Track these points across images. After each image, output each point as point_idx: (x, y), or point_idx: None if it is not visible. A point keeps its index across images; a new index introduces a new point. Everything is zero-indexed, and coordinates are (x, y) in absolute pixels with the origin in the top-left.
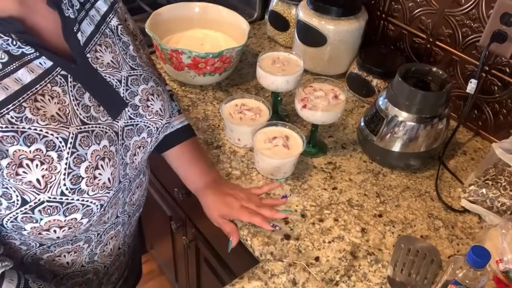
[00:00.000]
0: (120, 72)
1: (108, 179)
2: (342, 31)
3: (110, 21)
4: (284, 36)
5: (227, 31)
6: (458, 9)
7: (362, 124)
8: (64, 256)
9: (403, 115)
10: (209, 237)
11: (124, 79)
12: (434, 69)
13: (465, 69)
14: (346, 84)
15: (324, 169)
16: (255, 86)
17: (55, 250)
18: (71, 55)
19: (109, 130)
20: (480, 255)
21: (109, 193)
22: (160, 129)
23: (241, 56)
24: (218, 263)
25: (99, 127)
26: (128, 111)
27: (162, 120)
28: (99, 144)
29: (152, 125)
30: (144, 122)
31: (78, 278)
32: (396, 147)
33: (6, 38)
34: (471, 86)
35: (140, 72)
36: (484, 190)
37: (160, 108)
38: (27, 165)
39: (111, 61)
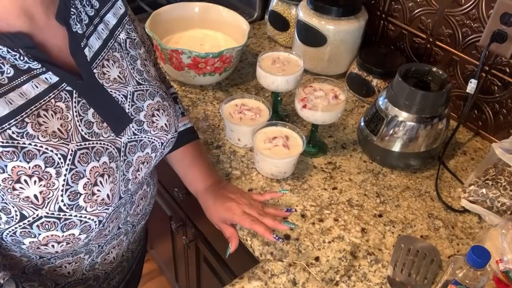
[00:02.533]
0: (127, 88)
1: (107, 195)
2: (342, 31)
3: (118, 35)
4: (284, 36)
5: (227, 31)
6: (458, 9)
7: (362, 124)
8: (65, 266)
9: (403, 115)
10: (209, 237)
11: (130, 95)
12: (434, 69)
13: (465, 69)
14: (346, 84)
15: (324, 169)
16: (255, 86)
17: (55, 262)
18: (78, 70)
19: (110, 146)
20: (480, 255)
21: (108, 209)
22: (165, 144)
23: (241, 56)
24: (218, 263)
25: (100, 143)
26: (133, 127)
27: (167, 135)
28: (98, 160)
29: (156, 141)
30: (148, 137)
31: (79, 286)
32: (396, 147)
33: (14, 53)
34: (471, 86)
35: (146, 87)
36: (484, 190)
37: (165, 124)
38: (25, 181)
39: (118, 76)
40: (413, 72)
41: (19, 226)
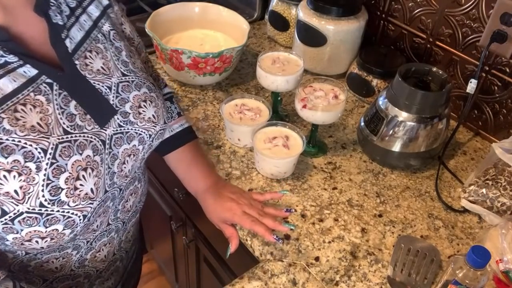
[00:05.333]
0: (111, 79)
1: (91, 189)
2: (342, 31)
3: (102, 26)
4: (284, 36)
5: (227, 31)
6: (458, 9)
7: (362, 124)
8: (52, 262)
9: (403, 115)
10: (209, 237)
11: (114, 86)
12: (434, 69)
13: (465, 69)
14: (346, 84)
15: (324, 169)
16: (255, 86)
17: (42, 257)
18: (59, 62)
19: (95, 139)
20: (480, 255)
21: (92, 203)
22: (153, 136)
23: (241, 56)
24: (218, 263)
25: (84, 136)
26: (118, 118)
27: (155, 127)
28: (81, 154)
29: (144, 133)
30: (135, 129)
31: (68, 281)
32: (396, 147)
33: None
34: (471, 86)
35: (132, 78)
36: (484, 190)
37: (153, 115)
38: (4, 176)
39: (102, 67)
40: (413, 72)
41: (1, 222)
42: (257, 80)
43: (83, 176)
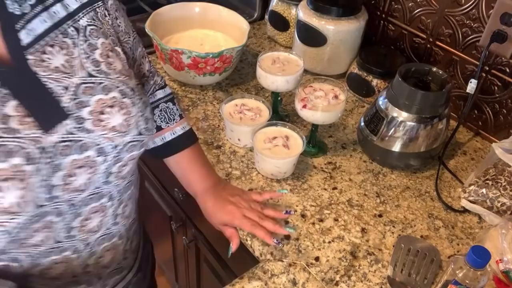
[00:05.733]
0: (70, 78)
1: (17, 203)
2: (342, 31)
3: (79, 20)
4: (284, 36)
5: (227, 31)
6: (458, 9)
7: (362, 124)
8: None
9: (403, 115)
10: (209, 237)
11: (73, 87)
12: (434, 69)
13: (465, 69)
14: (346, 84)
15: (324, 169)
16: (255, 86)
17: None
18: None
19: (30, 145)
20: (480, 255)
21: (16, 218)
22: (121, 147)
23: (241, 56)
24: (218, 263)
25: (16, 141)
26: (68, 124)
27: (123, 137)
28: (6, 162)
29: (105, 143)
30: (92, 138)
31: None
32: (396, 147)
33: None
34: (471, 86)
35: (100, 80)
36: (484, 190)
37: (120, 123)
38: None
39: (62, 64)
40: (413, 72)
41: None
42: (257, 80)
43: (4, 187)
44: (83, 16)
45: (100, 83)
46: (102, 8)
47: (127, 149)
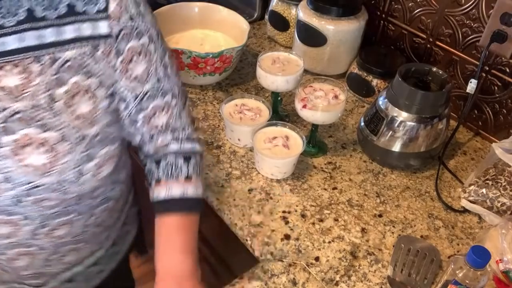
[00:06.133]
0: (13, 102)
1: None
2: (342, 31)
3: (65, 51)
4: (284, 36)
5: (227, 31)
6: (458, 9)
7: (362, 124)
8: None
9: (403, 115)
10: (209, 237)
11: (10, 111)
12: (434, 69)
13: (465, 69)
14: (346, 84)
15: (324, 169)
16: (255, 86)
17: None
18: None
19: None
20: (480, 255)
21: None
22: (36, 183)
23: (241, 56)
24: (218, 263)
25: None
26: None
27: (48, 177)
28: None
29: (15, 171)
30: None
31: None
32: (396, 147)
33: None
34: (471, 86)
35: (40, 116)
36: (484, 190)
37: (43, 163)
38: None
39: (10, 87)
40: (413, 72)
41: None
42: (257, 80)
43: None
44: (72, 49)
45: (39, 120)
46: (109, 47)
47: (51, 188)
